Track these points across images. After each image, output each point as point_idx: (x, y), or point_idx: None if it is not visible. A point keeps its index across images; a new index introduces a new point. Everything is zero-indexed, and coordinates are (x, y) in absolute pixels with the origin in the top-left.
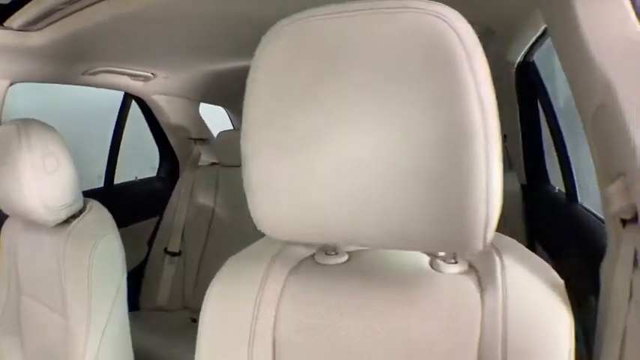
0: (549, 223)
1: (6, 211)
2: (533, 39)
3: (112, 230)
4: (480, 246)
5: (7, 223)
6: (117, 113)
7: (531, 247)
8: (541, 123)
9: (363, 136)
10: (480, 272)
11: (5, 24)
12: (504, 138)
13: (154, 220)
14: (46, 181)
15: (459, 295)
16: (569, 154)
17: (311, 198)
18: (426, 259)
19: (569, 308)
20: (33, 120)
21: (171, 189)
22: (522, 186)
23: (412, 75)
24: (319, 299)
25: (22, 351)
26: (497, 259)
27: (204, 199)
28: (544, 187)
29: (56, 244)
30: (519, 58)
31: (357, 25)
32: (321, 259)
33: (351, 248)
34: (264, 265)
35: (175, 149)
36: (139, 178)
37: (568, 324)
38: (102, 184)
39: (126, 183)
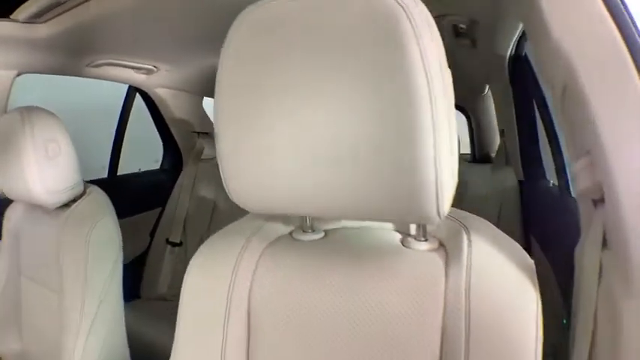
0: (543, 216)
1: (9, 196)
2: (520, 30)
3: (110, 213)
4: (434, 215)
5: (10, 208)
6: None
7: (526, 241)
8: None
9: (321, 110)
10: (448, 249)
11: (12, 16)
12: (502, 133)
13: (157, 211)
14: (47, 166)
15: (425, 269)
16: (562, 147)
17: (275, 170)
18: (397, 236)
19: (536, 287)
20: (36, 107)
21: (175, 181)
22: (520, 182)
23: (365, 53)
24: (292, 272)
25: (18, 334)
26: (465, 236)
27: (206, 192)
28: (539, 182)
29: (56, 226)
30: (510, 52)
31: (315, 7)
32: (297, 236)
33: (328, 226)
34: (242, 241)
35: (179, 142)
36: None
37: (533, 300)
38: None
39: (129, 174)
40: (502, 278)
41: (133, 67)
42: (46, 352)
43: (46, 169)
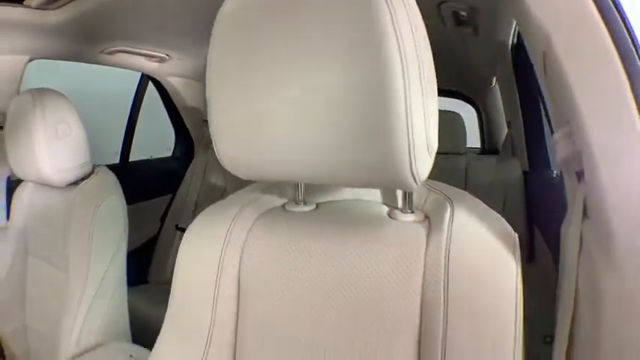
0: (546, 207)
1: (20, 176)
2: None
3: (117, 192)
4: (410, 180)
5: (19, 188)
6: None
7: (530, 231)
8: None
9: (305, 78)
10: (432, 221)
11: (24, 2)
12: (509, 124)
13: (168, 197)
14: (57, 145)
15: (408, 238)
16: None
17: (263, 135)
18: (385, 209)
19: (517, 259)
20: (47, 89)
21: (186, 168)
22: (524, 172)
23: (342, 21)
24: (281, 240)
25: (22, 313)
26: (449, 208)
27: (217, 179)
28: (543, 172)
29: (64, 204)
30: (512, 40)
31: None
32: (289, 208)
33: (320, 200)
34: (235, 210)
35: (190, 130)
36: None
37: (512, 271)
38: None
39: (141, 160)
40: (482, 248)
41: (145, 55)
42: (48, 330)
43: (56, 149)
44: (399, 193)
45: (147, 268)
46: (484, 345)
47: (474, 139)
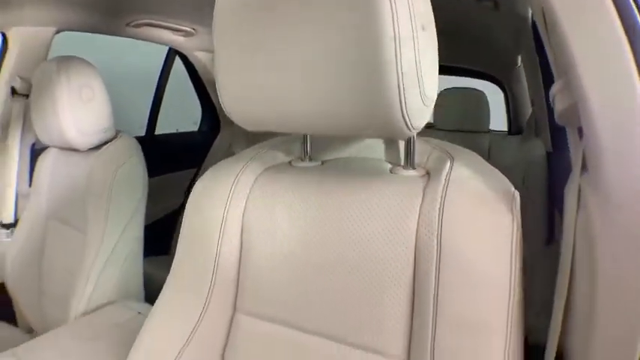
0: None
1: (44, 141)
2: None
3: (138, 156)
4: (403, 127)
5: (43, 154)
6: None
7: (550, 213)
8: None
9: (306, 37)
10: (432, 175)
11: None
12: (533, 104)
13: (192, 171)
14: (81, 109)
15: (405, 189)
16: None
17: (266, 86)
18: (388, 166)
19: (514, 213)
20: (72, 57)
21: (211, 143)
22: (548, 153)
23: None
24: (284, 189)
25: (38, 277)
26: (449, 163)
27: None
28: (566, 154)
29: (85, 166)
30: (532, 14)
31: None
32: (295, 163)
33: (326, 157)
34: (243, 163)
35: (217, 105)
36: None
37: (508, 224)
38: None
39: (166, 134)
40: (477, 199)
41: (171, 29)
42: (63, 294)
43: (80, 112)
44: (402, 151)
45: (169, 241)
46: (476, 296)
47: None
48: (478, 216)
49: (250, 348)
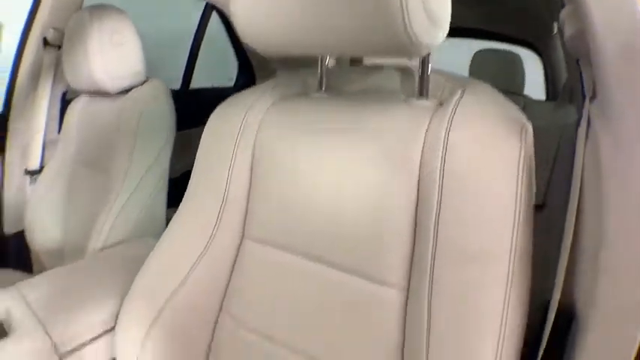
0: None
1: (74, 86)
2: None
3: (166, 98)
4: (405, 42)
5: (73, 102)
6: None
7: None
8: None
9: None
10: (443, 105)
11: None
12: (567, 69)
13: None
14: (110, 53)
15: (415, 115)
16: None
17: (280, 11)
18: (402, 97)
19: (522, 141)
20: (105, 5)
21: None
22: None
23: None
24: (295, 119)
25: (62, 221)
26: (460, 92)
27: None
28: None
29: (114, 109)
30: None
31: None
32: (310, 94)
33: (342, 88)
34: (259, 93)
35: (252, 62)
36: None
37: (514, 152)
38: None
39: (201, 88)
40: (483, 125)
41: None
42: (84, 238)
43: (109, 56)
44: (417, 83)
45: None
46: (477, 224)
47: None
48: (485, 143)
49: (256, 273)
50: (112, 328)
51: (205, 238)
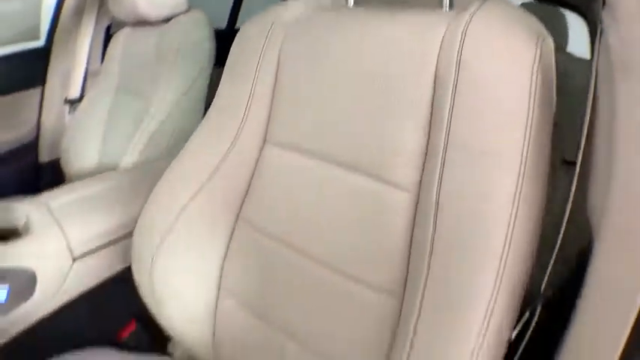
0: None
1: (117, 15)
2: None
3: (206, 27)
4: None
5: (116, 34)
6: None
7: None
8: None
9: None
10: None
11: None
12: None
13: None
14: None
15: (434, 19)
16: None
17: None
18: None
19: (541, 50)
20: None
21: None
22: None
23: None
24: (319, 28)
25: (98, 150)
26: (479, 2)
27: None
28: None
29: (155, 37)
30: None
31: None
32: (337, 6)
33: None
34: (287, 4)
35: None
36: None
37: (530, 58)
38: None
39: None
40: (501, 29)
41: None
42: (118, 158)
43: None
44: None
45: None
46: (488, 123)
47: None
48: (501, 44)
49: (276, 179)
50: (130, 234)
51: (228, 141)
